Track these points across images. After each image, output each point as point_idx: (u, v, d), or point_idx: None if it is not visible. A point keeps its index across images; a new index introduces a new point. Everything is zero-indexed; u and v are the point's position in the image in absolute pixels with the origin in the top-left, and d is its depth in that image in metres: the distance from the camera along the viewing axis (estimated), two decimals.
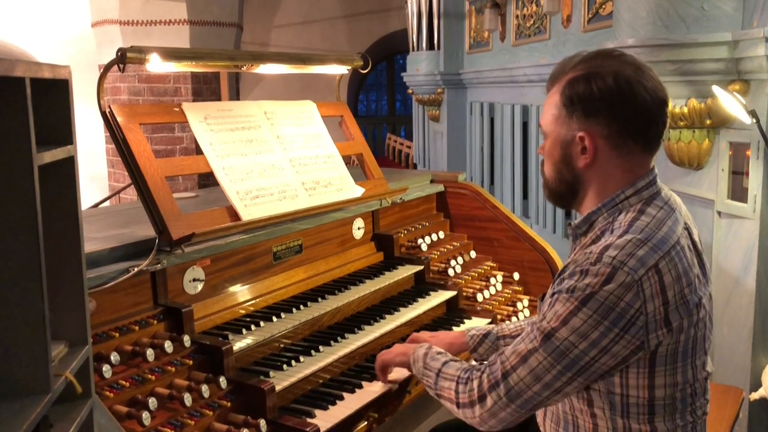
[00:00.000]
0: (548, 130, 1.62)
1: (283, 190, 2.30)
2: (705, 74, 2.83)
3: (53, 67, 1.12)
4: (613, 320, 1.41)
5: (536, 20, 5.42)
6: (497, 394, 1.52)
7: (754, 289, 2.80)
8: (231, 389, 1.79)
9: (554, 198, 1.69)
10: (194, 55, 2.24)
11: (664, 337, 1.44)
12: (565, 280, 1.49)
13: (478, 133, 6.78)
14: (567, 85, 1.56)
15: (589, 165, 1.56)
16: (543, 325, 1.49)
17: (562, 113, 1.57)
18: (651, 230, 1.48)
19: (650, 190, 1.56)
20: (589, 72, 1.54)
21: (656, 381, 1.48)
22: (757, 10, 2.69)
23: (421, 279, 2.66)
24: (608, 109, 1.51)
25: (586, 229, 1.61)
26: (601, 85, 1.51)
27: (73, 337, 1.23)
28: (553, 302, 1.49)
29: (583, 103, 1.53)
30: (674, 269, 1.45)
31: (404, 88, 8.95)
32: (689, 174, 3.17)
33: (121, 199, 6.34)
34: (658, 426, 1.51)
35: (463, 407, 1.59)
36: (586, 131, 1.53)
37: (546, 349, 1.47)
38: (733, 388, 2.58)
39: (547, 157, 1.64)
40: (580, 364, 1.45)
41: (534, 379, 1.48)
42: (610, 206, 1.57)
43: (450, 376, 1.65)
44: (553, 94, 1.61)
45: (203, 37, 7.74)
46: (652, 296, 1.42)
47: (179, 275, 1.97)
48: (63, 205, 1.21)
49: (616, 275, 1.41)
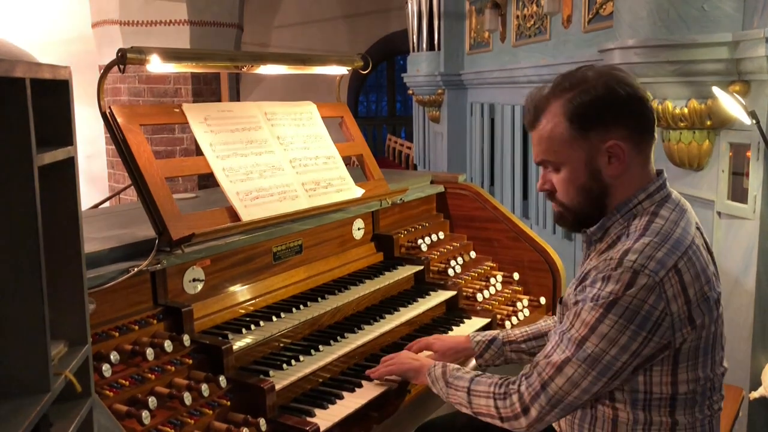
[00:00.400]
0: (563, 160, 1.60)
1: (283, 190, 2.30)
2: (705, 75, 2.83)
3: (53, 67, 1.12)
4: (640, 324, 1.45)
5: (537, 21, 5.42)
6: (539, 404, 1.57)
7: (754, 289, 2.80)
8: (231, 388, 1.79)
9: (580, 221, 1.66)
10: (194, 56, 2.24)
11: (689, 334, 1.49)
12: (587, 288, 1.52)
13: (479, 134, 6.78)
14: (565, 106, 1.56)
15: (621, 170, 1.57)
16: (573, 334, 1.52)
17: (573, 135, 1.56)
18: (667, 232, 1.51)
19: (661, 194, 1.60)
20: (579, 88, 1.56)
21: (679, 377, 1.53)
22: (757, 10, 2.69)
23: (421, 279, 2.67)
24: (618, 110, 1.55)
25: (602, 235, 1.63)
26: (602, 93, 1.54)
27: (73, 336, 1.23)
28: (579, 311, 1.52)
29: (598, 116, 1.54)
30: (692, 268, 1.48)
31: (404, 88, 8.95)
32: (689, 175, 3.17)
33: (121, 199, 6.34)
34: (678, 419, 1.55)
35: (508, 420, 1.63)
36: (611, 138, 1.54)
37: (579, 358, 1.51)
38: (733, 387, 2.58)
39: (567, 186, 1.61)
40: (614, 369, 1.49)
41: (572, 386, 1.53)
42: (624, 212, 1.59)
43: (485, 394, 1.67)
44: (545, 125, 1.59)
45: (203, 37, 7.75)
46: (674, 296, 1.45)
47: (179, 275, 1.98)
48: (63, 206, 1.21)
49: (637, 279, 1.44)
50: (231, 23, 8.08)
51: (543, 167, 1.66)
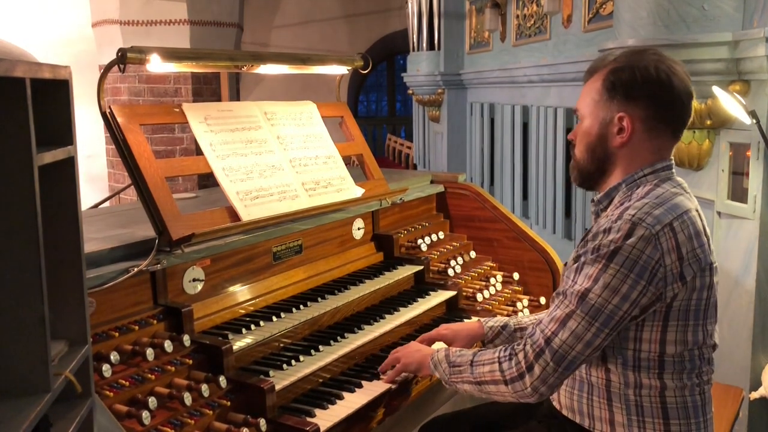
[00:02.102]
0: (586, 113, 1.75)
1: (283, 190, 2.30)
2: (705, 74, 2.83)
3: (53, 67, 1.12)
4: (639, 273, 1.54)
5: (537, 20, 5.42)
6: (544, 360, 1.61)
7: (754, 289, 2.80)
8: (231, 388, 1.79)
9: (582, 177, 1.80)
10: (194, 56, 2.24)
11: (679, 290, 1.57)
12: (589, 242, 1.62)
13: (479, 134, 6.78)
14: (610, 73, 1.70)
15: (624, 144, 1.69)
16: (576, 288, 1.60)
17: (603, 97, 1.70)
18: (665, 197, 1.63)
19: (667, 173, 1.71)
20: (631, 63, 1.69)
21: (668, 336, 1.60)
22: (757, 10, 2.69)
23: (420, 279, 2.66)
24: (648, 94, 1.67)
25: (607, 204, 1.74)
26: (645, 73, 1.66)
27: (73, 336, 1.23)
28: (581, 266, 1.61)
29: (626, 88, 1.67)
30: (686, 230, 1.59)
31: (404, 88, 8.95)
32: (689, 174, 3.17)
33: (121, 199, 6.34)
34: (667, 382, 1.63)
35: (512, 382, 1.66)
36: (626, 112, 1.68)
37: (583, 309, 1.58)
38: (733, 387, 2.58)
39: (582, 139, 1.77)
40: (615, 319, 1.57)
41: (576, 340, 1.59)
42: (629, 182, 1.71)
43: (488, 360, 1.73)
44: (593, 82, 1.74)
45: (203, 37, 7.74)
46: (669, 250, 1.55)
47: (179, 275, 1.98)
48: (63, 205, 1.21)
49: (636, 230, 1.55)
50: (231, 23, 8.08)
51: (577, 117, 1.82)
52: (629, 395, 1.64)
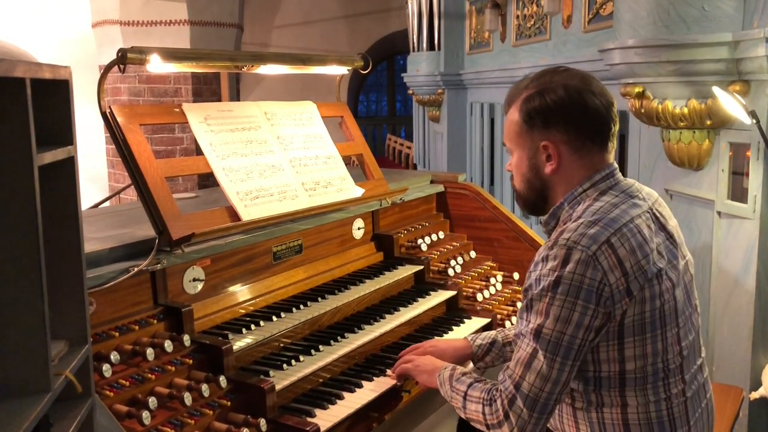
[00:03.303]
0: (512, 146, 1.77)
1: (283, 190, 2.30)
2: (705, 75, 2.82)
3: (53, 67, 1.12)
4: (585, 297, 1.52)
5: (537, 21, 5.42)
6: (518, 406, 1.58)
7: (754, 289, 2.80)
8: (231, 388, 1.79)
9: (528, 207, 1.82)
10: (194, 56, 2.24)
11: (627, 306, 1.54)
12: (531, 273, 1.61)
13: (478, 134, 6.77)
14: (523, 103, 1.70)
15: (555, 170, 1.69)
16: (530, 327, 1.58)
17: (523, 129, 1.71)
18: (602, 213, 1.60)
19: (607, 183, 1.69)
20: (541, 88, 1.68)
21: (626, 353, 1.58)
22: (757, 10, 2.69)
23: (421, 279, 2.66)
24: (563, 116, 1.66)
25: (554, 224, 1.73)
26: (554, 97, 1.65)
27: (73, 336, 1.23)
28: (530, 303, 1.59)
29: (541, 116, 1.67)
30: (627, 243, 1.56)
31: (404, 88, 8.94)
32: (689, 174, 3.17)
33: (121, 199, 6.34)
34: (629, 400, 1.60)
35: (493, 428, 1.64)
36: (548, 140, 1.68)
37: (541, 347, 1.55)
38: (733, 387, 2.58)
39: (516, 171, 1.79)
40: (575, 348, 1.54)
41: (543, 381, 1.55)
42: (570, 200, 1.70)
43: (476, 399, 1.70)
44: (511, 114, 1.75)
45: (203, 37, 7.75)
46: (610, 268, 1.52)
47: (179, 275, 1.98)
48: (63, 205, 1.21)
49: (572, 254, 1.53)
50: (231, 23, 8.08)
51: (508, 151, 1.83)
52: (592, 414, 1.63)
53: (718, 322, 3.03)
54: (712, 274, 3.05)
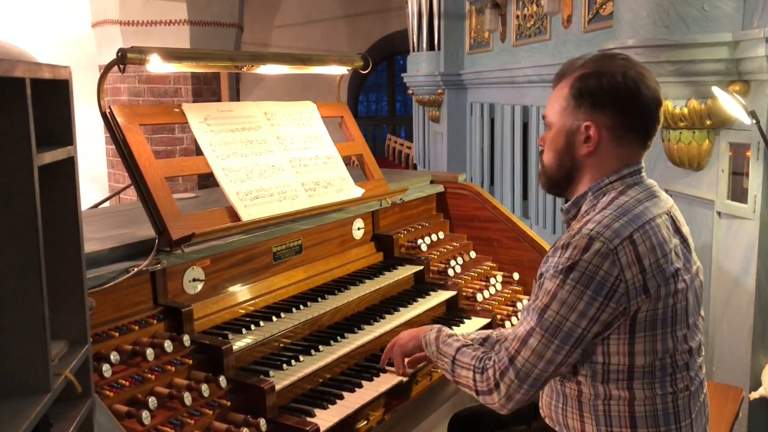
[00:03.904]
0: (553, 120, 1.73)
1: (283, 190, 2.30)
2: (705, 75, 2.83)
3: (53, 67, 1.12)
4: (596, 289, 1.52)
5: (537, 21, 5.42)
6: (509, 378, 1.62)
7: (754, 289, 2.80)
8: (231, 388, 1.79)
9: (550, 184, 1.79)
10: (194, 56, 2.24)
11: (643, 302, 1.54)
12: (549, 258, 1.61)
13: (478, 134, 6.77)
14: (577, 80, 1.67)
15: (590, 153, 1.68)
16: (536, 303, 1.60)
17: (570, 104, 1.68)
18: (627, 208, 1.60)
19: (634, 178, 1.68)
20: (598, 69, 1.66)
21: (636, 348, 1.58)
22: (757, 10, 2.69)
23: (420, 279, 2.67)
24: (615, 102, 1.63)
25: (575, 213, 1.73)
26: (612, 81, 1.63)
27: (73, 336, 1.23)
28: (542, 282, 1.60)
29: (593, 96, 1.65)
30: (648, 241, 1.56)
31: (404, 88, 8.94)
32: (689, 174, 3.17)
33: (121, 199, 6.34)
34: (636, 392, 1.60)
35: (483, 394, 1.68)
36: (592, 121, 1.65)
37: (542, 327, 1.58)
38: (733, 387, 2.58)
39: (549, 146, 1.75)
40: (575, 336, 1.55)
41: (537, 358, 1.59)
42: (595, 190, 1.69)
43: (467, 365, 1.74)
44: (561, 88, 1.72)
45: (203, 37, 7.74)
46: (628, 264, 1.53)
47: (179, 275, 1.98)
48: (63, 205, 1.21)
49: (593, 245, 1.53)
50: (231, 23, 8.08)
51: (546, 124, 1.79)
52: (598, 406, 1.63)
53: (718, 322, 3.03)
54: (712, 274, 3.05)
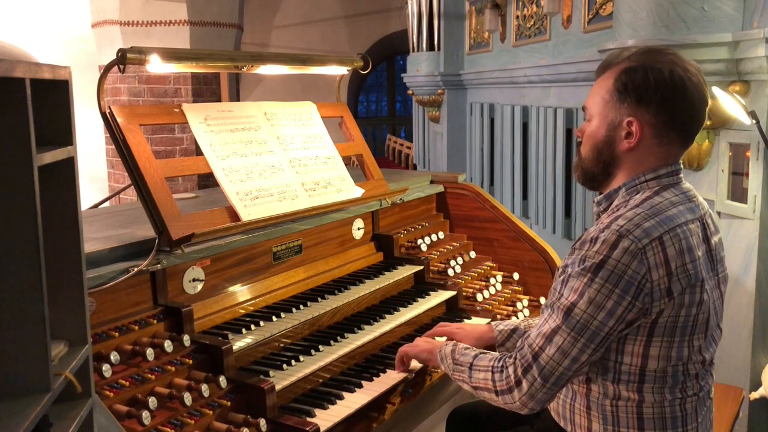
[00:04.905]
0: (595, 112, 1.70)
1: (283, 190, 2.30)
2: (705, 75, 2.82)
3: (53, 67, 1.12)
4: (624, 288, 1.51)
5: (536, 21, 5.42)
6: (532, 375, 1.60)
7: (754, 289, 2.80)
8: (231, 388, 1.79)
9: (586, 177, 1.76)
10: (194, 56, 2.24)
11: (665, 306, 1.53)
12: (576, 251, 1.59)
13: (478, 134, 6.77)
14: (623, 73, 1.64)
15: (631, 149, 1.65)
16: (562, 302, 1.57)
17: (613, 98, 1.65)
18: (661, 208, 1.58)
19: (671, 179, 1.66)
20: (645, 64, 1.62)
21: (651, 351, 1.57)
22: (757, 10, 2.69)
23: (420, 279, 2.66)
24: (660, 99, 1.60)
25: (607, 206, 1.70)
26: (658, 77, 1.61)
27: (73, 336, 1.23)
28: (567, 278, 1.58)
29: (638, 91, 1.61)
30: (678, 244, 1.53)
31: (404, 88, 8.95)
32: (689, 175, 3.17)
33: (121, 199, 6.34)
34: (646, 396, 1.59)
35: (502, 394, 1.66)
36: (635, 117, 1.62)
37: (568, 325, 1.56)
38: (733, 387, 2.58)
39: (588, 138, 1.72)
40: (601, 335, 1.54)
41: (562, 356, 1.57)
42: (629, 186, 1.66)
43: (484, 368, 1.72)
44: (604, 80, 1.68)
45: (203, 37, 7.75)
46: (656, 265, 1.51)
47: (179, 275, 1.98)
48: (63, 206, 1.21)
49: (621, 242, 1.51)
50: (231, 23, 8.08)
51: (585, 115, 1.76)
52: (606, 405, 1.62)
53: None
54: None
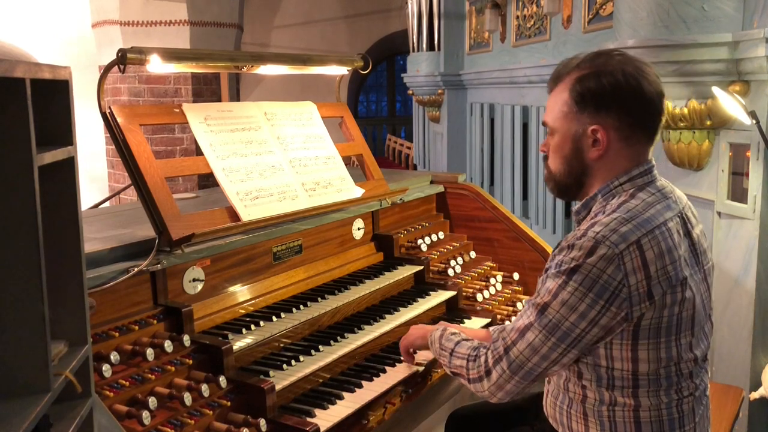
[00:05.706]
0: (556, 126, 1.69)
1: (283, 190, 2.30)
2: (705, 75, 2.83)
3: (53, 67, 1.12)
4: (598, 292, 1.51)
5: (536, 21, 5.42)
6: (501, 367, 1.64)
7: (754, 289, 2.80)
8: (231, 389, 1.79)
9: (560, 190, 1.76)
10: (194, 56, 2.24)
11: (647, 309, 1.53)
12: (555, 257, 1.60)
13: (478, 134, 6.78)
14: (576, 82, 1.64)
15: (601, 156, 1.64)
16: (537, 300, 1.60)
17: (572, 109, 1.64)
18: (637, 211, 1.58)
19: (645, 179, 1.66)
20: (596, 69, 1.62)
21: (639, 354, 1.56)
22: (757, 10, 2.69)
23: (421, 279, 2.67)
24: (619, 102, 1.60)
25: (585, 214, 1.71)
26: (611, 80, 1.59)
27: (73, 336, 1.23)
28: (545, 279, 1.60)
29: (595, 98, 1.61)
30: (657, 246, 1.53)
31: (404, 88, 8.95)
32: (689, 175, 3.17)
33: (121, 199, 6.34)
34: (642, 400, 1.59)
35: (473, 382, 1.71)
36: (598, 124, 1.62)
37: (540, 323, 1.58)
38: (733, 387, 2.58)
39: (555, 152, 1.71)
40: (572, 336, 1.55)
41: (532, 352, 1.59)
42: (605, 192, 1.67)
43: (462, 355, 1.77)
44: (559, 92, 1.68)
45: (203, 37, 7.75)
46: (633, 270, 1.51)
47: (179, 275, 1.98)
48: (63, 206, 1.21)
49: (598, 248, 1.51)
50: (231, 23, 8.08)
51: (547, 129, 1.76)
52: (603, 412, 1.62)
53: (718, 322, 3.03)
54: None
